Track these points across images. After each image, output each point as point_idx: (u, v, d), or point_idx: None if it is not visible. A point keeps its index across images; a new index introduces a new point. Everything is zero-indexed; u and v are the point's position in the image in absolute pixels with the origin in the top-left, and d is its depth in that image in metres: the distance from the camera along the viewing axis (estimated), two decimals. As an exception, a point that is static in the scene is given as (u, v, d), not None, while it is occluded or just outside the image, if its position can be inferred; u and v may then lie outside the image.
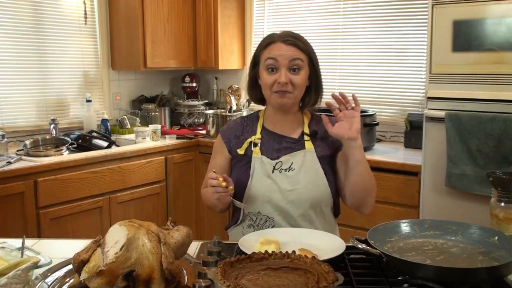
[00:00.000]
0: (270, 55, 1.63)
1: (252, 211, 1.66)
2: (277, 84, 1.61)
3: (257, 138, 1.70)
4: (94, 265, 1.09)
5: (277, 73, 1.61)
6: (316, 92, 1.71)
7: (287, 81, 1.60)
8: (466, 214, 2.40)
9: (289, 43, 1.62)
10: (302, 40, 1.66)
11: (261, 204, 1.64)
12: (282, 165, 1.65)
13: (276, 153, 1.68)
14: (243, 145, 1.70)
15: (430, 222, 1.39)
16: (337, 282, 1.03)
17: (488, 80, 2.35)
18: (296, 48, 1.62)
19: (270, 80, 1.62)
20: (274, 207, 1.63)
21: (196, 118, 4.02)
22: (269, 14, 3.95)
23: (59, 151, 3.05)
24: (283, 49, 1.62)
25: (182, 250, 1.24)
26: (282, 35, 1.65)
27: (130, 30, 3.61)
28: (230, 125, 1.81)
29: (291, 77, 1.61)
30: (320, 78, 1.72)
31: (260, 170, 1.66)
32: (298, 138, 1.70)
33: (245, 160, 1.70)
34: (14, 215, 2.67)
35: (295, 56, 1.61)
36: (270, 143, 1.70)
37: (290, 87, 1.61)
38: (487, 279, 1.11)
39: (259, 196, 1.64)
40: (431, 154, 2.54)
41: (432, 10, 2.46)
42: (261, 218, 1.65)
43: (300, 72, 1.62)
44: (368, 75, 3.50)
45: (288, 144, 1.69)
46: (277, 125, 1.72)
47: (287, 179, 1.64)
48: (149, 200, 3.33)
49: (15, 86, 3.27)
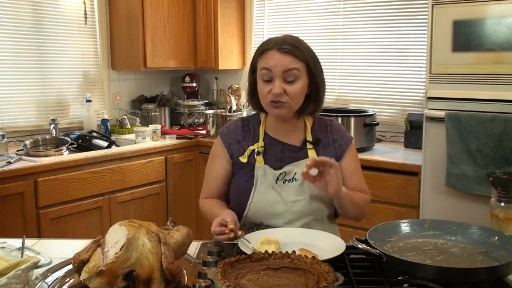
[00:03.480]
0: (264, 65, 1.57)
1: (254, 221, 1.63)
2: (271, 95, 1.56)
3: (260, 147, 1.66)
4: (94, 265, 1.09)
5: (271, 84, 1.56)
6: (316, 100, 1.65)
7: (281, 92, 1.54)
8: (466, 214, 2.40)
9: (284, 51, 1.55)
10: (300, 48, 1.57)
11: (264, 215, 1.61)
12: (285, 175, 1.62)
13: (280, 163, 1.64)
14: (245, 153, 1.66)
15: (430, 222, 1.39)
16: (337, 282, 1.03)
17: (488, 80, 2.35)
18: (292, 57, 1.55)
19: (265, 91, 1.57)
20: (278, 218, 1.61)
21: (196, 118, 4.02)
22: (269, 14, 3.95)
23: (59, 151, 3.05)
24: (277, 58, 1.54)
25: (182, 250, 1.24)
26: (279, 42, 1.57)
27: (130, 30, 3.61)
28: (230, 128, 1.75)
29: (286, 87, 1.55)
30: (321, 86, 1.64)
31: (264, 180, 1.62)
32: (300, 146, 1.67)
33: (247, 168, 1.66)
34: (14, 215, 2.67)
35: (290, 66, 1.55)
36: (273, 151, 1.66)
37: (284, 97, 1.56)
38: (487, 279, 1.11)
39: (262, 207, 1.61)
40: (431, 154, 2.54)
41: (432, 10, 2.46)
42: (263, 227, 1.62)
43: (296, 82, 1.56)
44: (368, 75, 3.50)
45: (291, 153, 1.66)
46: (279, 132, 1.69)
47: (291, 190, 1.61)
48: (149, 200, 3.33)
49: (15, 86, 3.27)
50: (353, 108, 3.49)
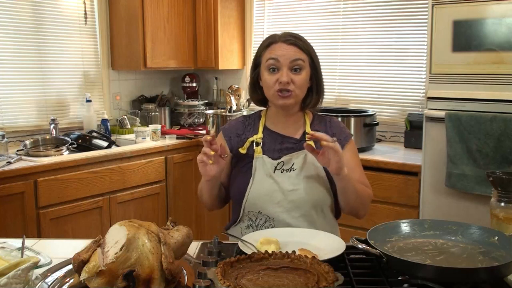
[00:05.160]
0: (271, 55, 1.63)
1: (252, 210, 1.66)
2: (278, 84, 1.61)
3: (259, 138, 1.71)
4: (94, 265, 1.09)
5: (278, 73, 1.62)
6: (317, 93, 1.71)
7: (288, 81, 1.60)
8: (466, 214, 2.40)
9: (290, 42, 1.63)
10: (303, 40, 1.67)
11: (262, 203, 1.64)
12: (283, 165, 1.65)
13: (278, 153, 1.68)
14: (245, 144, 1.71)
15: (430, 222, 1.38)
16: (337, 282, 1.03)
17: (488, 80, 2.35)
18: (297, 48, 1.63)
19: (272, 80, 1.62)
20: (275, 207, 1.63)
21: (196, 118, 4.02)
22: (269, 14, 3.95)
23: (59, 151, 3.05)
24: (284, 49, 1.62)
25: (182, 250, 1.24)
26: (283, 35, 1.65)
27: (130, 30, 3.61)
28: (231, 123, 1.81)
29: (293, 77, 1.61)
30: (321, 79, 1.71)
31: (262, 170, 1.66)
32: (299, 138, 1.70)
33: (246, 159, 1.70)
34: (14, 215, 2.67)
35: (297, 56, 1.62)
36: (272, 142, 1.70)
37: (291, 86, 1.61)
38: (487, 279, 1.11)
39: (260, 196, 1.64)
40: (431, 154, 2.54)
41: (432, 10, 2.46)
42: (261, 218, 1.64)
43: (302, 72, 1.63)
44: (368, 75, 3.50)
45: (290, 145, 1.69)
46: (279, 125, 1.73)
47: (289, 179, 1.64)
48: (149, 200, 3.33)
49: (15, 86, 3.27)
50: (353, 108, 3.49)
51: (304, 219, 1.63)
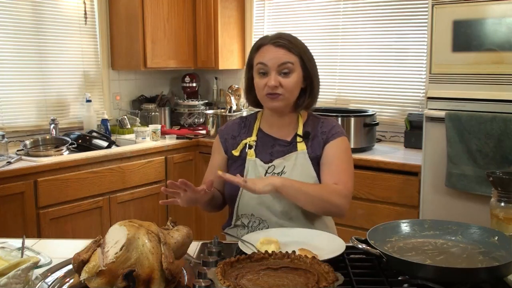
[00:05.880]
0: (260, 59, 1.63)
1: (245, 213, 1.67)
2: (267, 87, 1.61)
3: (252, 140, 1.71)
4: (94, 265, 1.09)
5: (267, 77, 1.62)
6: (310, 94, 1.69)
7: (276, 84, 1.60)
8: (466, 214, 2.40)
9: (278, 45, 1.62)
10: (294, 42, 1.64)
11: (254, 206, 1.64)
12: (274, 168, 1.66)
13: (270, 156, 1.69)
14: (238, 147, 1.72)
15: (430, 222, 1.39)
16: (337, 282, 1.03)
17: (488, 80, 2.35)
18: (286, 51, 1.61)
19: (261, 84, 1.63)
20: (267, 209, 1.63)
21: (196, 118, 4.02)
22: (269, 14, 3.95)
23: (59, 151, 3.05)
24: (272, 52, 1.61)
25: (182, 250, 1.25)
26: (273, 37, 1.64)
27: (130, 30, 3.61)
28: (228, 125, 1.82)
29: (281, 80, 1.61)
30: (315, 80, 1.68)
31: (253, 173, 1.67)
32: (290, 140, 1.70)
33: (239, 161, 1.71)
34: (14, 215, 2.67)
35: (285, 59, 1.60)
36: (264, 145, 1.71)
37: (280, 89, 1.61)
38: (487, 279, 1.11)
39: (252, 199, 1.64)
40: (431, 154, 2.54)
41: (432, 10, 2.46)
42: (255, 220, 1.65)
43: (291, 75, 1.61)
44: (368, 75, 3.50)
45: (281, 148, 1.69)
46: (273, 127, 1.73)
47: None
48: (149, 200, 3.33)
49: (15, 86, 3.27)
50: (353, 108, 3.49)
51: (297, 220, 1.63)
